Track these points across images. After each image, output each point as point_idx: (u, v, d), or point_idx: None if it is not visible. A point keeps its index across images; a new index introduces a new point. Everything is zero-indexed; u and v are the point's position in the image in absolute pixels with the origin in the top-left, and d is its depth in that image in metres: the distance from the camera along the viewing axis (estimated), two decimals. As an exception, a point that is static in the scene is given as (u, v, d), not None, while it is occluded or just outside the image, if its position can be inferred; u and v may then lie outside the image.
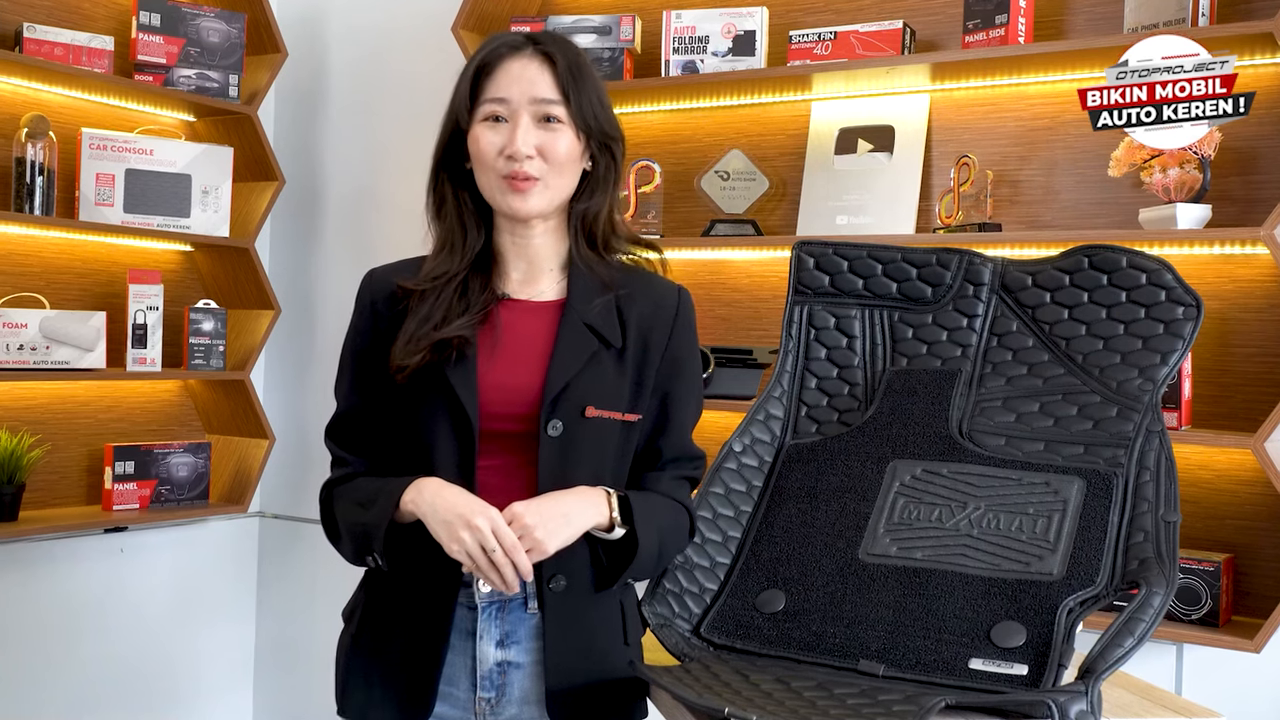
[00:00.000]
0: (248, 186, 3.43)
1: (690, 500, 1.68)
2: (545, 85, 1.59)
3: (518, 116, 1.58)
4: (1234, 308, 2.50)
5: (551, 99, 1.59)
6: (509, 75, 1.60)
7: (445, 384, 1.57)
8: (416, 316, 1.59)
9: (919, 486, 1.60)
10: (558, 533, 1.49)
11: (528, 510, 1.48)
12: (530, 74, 1.59)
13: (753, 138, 3.03)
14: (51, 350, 2.92)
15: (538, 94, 1.59)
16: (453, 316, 1.58)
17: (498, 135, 1.59)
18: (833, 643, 1.49)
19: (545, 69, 1.60)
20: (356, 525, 1.58)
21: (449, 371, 1.56)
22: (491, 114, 1.59)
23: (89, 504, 3.25)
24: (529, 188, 1.58)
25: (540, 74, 1.60)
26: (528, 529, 1.47)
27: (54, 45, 2.96)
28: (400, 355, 1.58)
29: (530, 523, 1.47)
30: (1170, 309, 1.63)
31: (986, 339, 1.72)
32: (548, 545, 1.48)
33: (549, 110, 1.59)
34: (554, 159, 1.59)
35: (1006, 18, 2.57)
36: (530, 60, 1.60)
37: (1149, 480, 1.52)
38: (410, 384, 1.58)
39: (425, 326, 1.58)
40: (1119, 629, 1.33)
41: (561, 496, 1.53)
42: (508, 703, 1.60)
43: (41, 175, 2.93)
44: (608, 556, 1.60)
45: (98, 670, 3.25)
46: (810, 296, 1.80)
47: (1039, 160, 2.72)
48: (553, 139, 1.59)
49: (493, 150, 1.58)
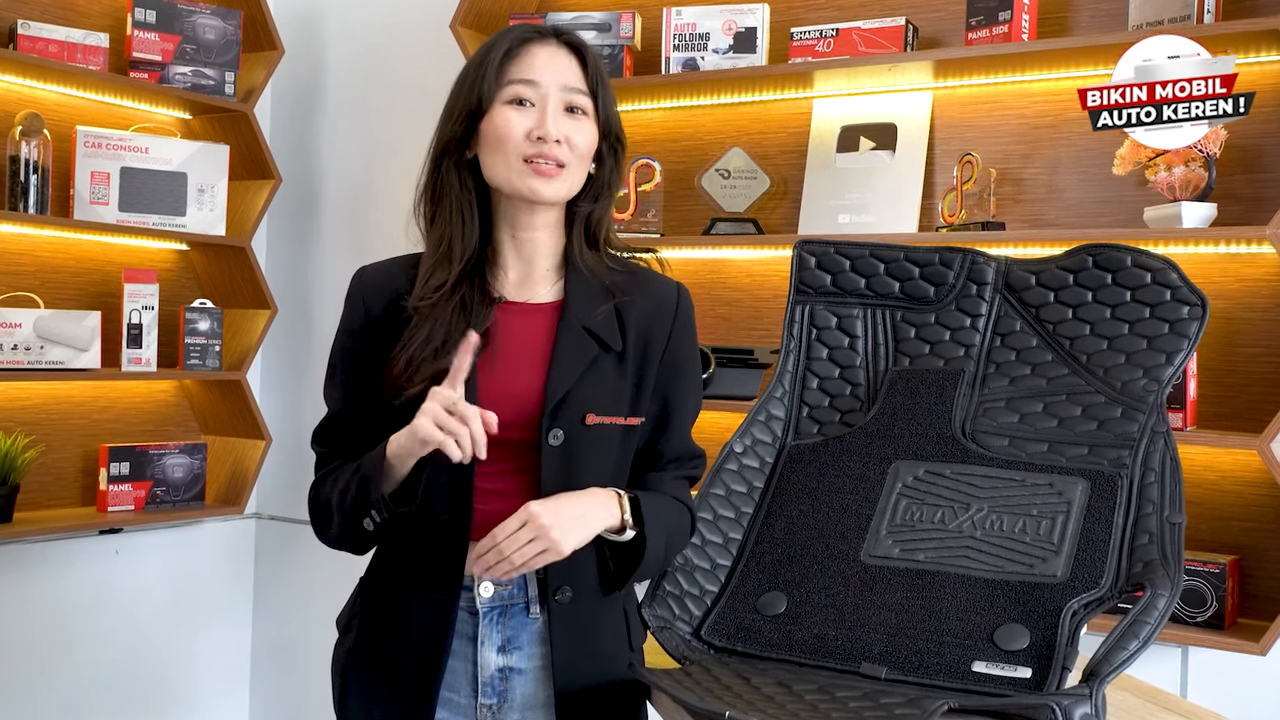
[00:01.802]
0: (244, 185, 3.42)
1: (691, 499, 1.67)
2: (575, 75, 1.58)
3: (547, 101, 1.56)
4: (1239, 307, 2.50)
5: (581, 89, 1.58)
6: (538, 60, 1.58)
7: None
8: (417, 337, 1.55)
9: (922, 487, 1.60)
10: (574, 533, 1.48)
11: (544, 510, 1.46)
12: (561, 62, 1.58)
13: (754, 136, 3.02)
14: (46, 350, 2.91)
15: (569, 82, 1.57)
16: (454, 339, 1.53)
17: (524, 118, 1.56)
18: (835, 645, 1.48)
19: (574, 60, 1.59)
20: (348, 490, 1.54)
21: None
22: (517, 96, 1.56)
23: (84, 505, 3.24)
24: (554, 174, 1.56)
25: (570, 64, 1.59)
26: (544, 529, 1.45)
27: (48, 42, 2.95)
28: (399, 381, 1.54)
29: (546, 523, 1.45)
30: (1175, 308, 1.62)
31: (990, 339, 1.72)
32: (564, 546, 1.47)
33: (577, 101, 1.58)
34: (578, 150, 1.57)
35: (1010, 14, 2.56)
36: (559, 50, 1.59)
37: (1154, 481, 1.52)
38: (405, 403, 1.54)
39: (425, 350, 1.54)
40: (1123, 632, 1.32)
41: (577, 498, 1.51)
42: (509, 709, 1.58)
43: (36, 173, 2.92)
44: (615, 558, 1.59)
45: (92, 674, 3.24)
46: (812, 296, 1.80)
47: (1042, 158, 2.71)
48: (578, 129, 1.57)
49: (518, 131, 1.55)
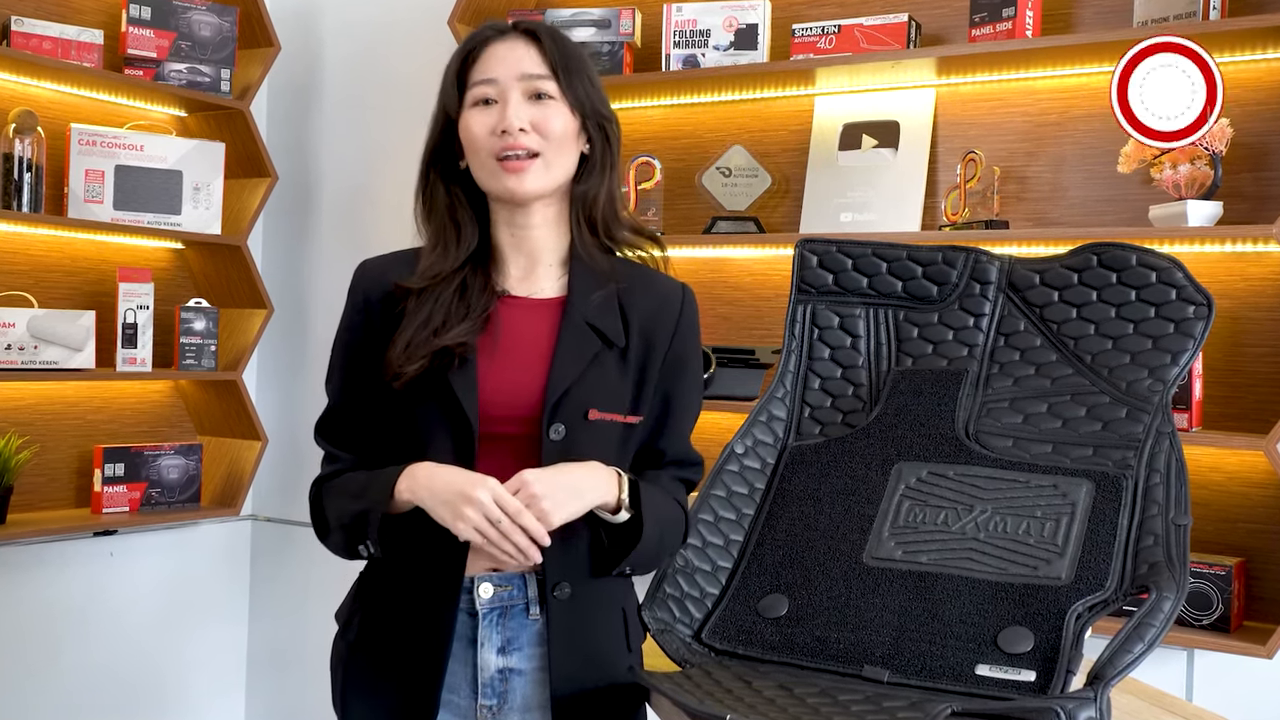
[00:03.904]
0: (240, 183, 3.41)
1: (687, 503, 1.67)
2: (533, 61, 1.57)
3: (507, 94, 1.56)
4: (1246, 306, 2.49)
5: (540, 74, 1.57)
6: (495, 57, 1.58)
7: (446, 388, 1.54)
8: (415, 320, 1.56)
9: (924, 489, 1.60)
10: (565, 505, 1.47)
11: (537, 479, 1.46)
12: (517, 53, 1.58)
13: (755, 133, 3.01)
14: (40, 350, 2.90)
15: (526, 70, 1.57)
16: (453, 320, 1.55)
17: (488, 116, 1.56)
18: (837, 648, 1.48)
19: (532, 47, 1.59)
20: (347, 514, 1.55)
21: (450, 377, 1.54)
22: (481, 97, 1.57)
23: (78, 507, 3.23)
24: (526, 166, 1.55)
25: (527, 52, 1.58)
26: (535, 498, 1.45)
27: (42, 39, 2.95)
28: (398, 361, 1.54)
29: (538, 492, 1.45)
30: (1181, 308, 1.63)
31: (993, 338, 1.72)
32: (553, 517, 1.46)
33: (539, 86, 1.57)
34: (550, 134, 1.56)
35: (1014, 11, 2.56)
36: (516, 41, 1.59)
37: (1159, 483, 1.53)
38: (407, 386, 1.55)
39: (424, 331, 1.54)
40: (1128, 634, 1.32)
41: (573, 468, 1.51)
42: (509, 710, 1.58)
43: (29, 171, 2.90)
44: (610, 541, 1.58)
45: (87, 676, 3.23)
46: (814, 295, 1.80)
47: (1047, 156, 2.70)
48: (546, 114, 1.57)
49: (484, 131, 1.56)
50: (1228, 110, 2.45)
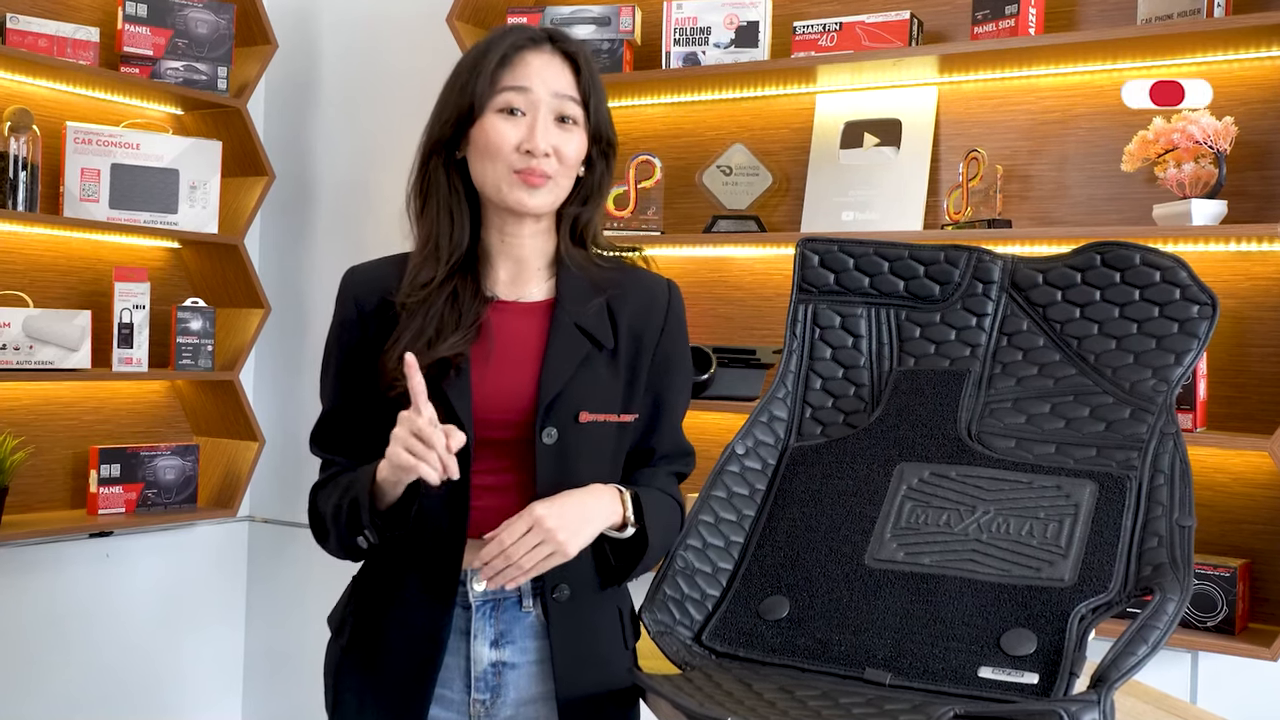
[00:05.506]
0: (237, 181, 3.41)
1: (680, 495, 1.70)
2: (567, 84, 1.59)
3: (538, 110, 1.57)
4: (1250, 306, 2.48)
5: (572, 97, 1.59)
6: (530, 67, 1.58)
7: (440, 396, 1.54)
8: (409, 330, 1.57)
9: (927, 490, 1.59)
10: (579, 533, 1.50)
11: (549, 513, 1.48)
12: (554, 70, 1.59)
13: (756, 132, 3.01)
14: (35, 350, 2.90)
15: (559, 89, 1.58)
16: (446, 330, 1.56)
17: (514, 129, 1.57)
18: (838, 650, 1.47)
19: (568, 68, 1.60)
20: (339, 508, 1.57)
21: (445, 386, 1.55)
22: (509, 105, 1.57)
23: (74, 508, 3.23)
24: (541, 184, 1.57)
25: (563, 72, 1.59)
26: (550, 533, 1.47)
27: (38, 37, 2.94)
28: (394, 374, 1.55)
29: (552, 526, 1.48)
30: (1185, 307, 1.62)
31: (996, 338, 1.71)
32: (570, 548, 1.49)
33: (568, 110, 1.59)
34: (566, 161, 1.59)
35: (1016, 8, 2.55)
36: (553, 57, 1.60)
37: (1163, 484, 1.51)
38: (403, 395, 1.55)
39: (418, 342, 1.55)
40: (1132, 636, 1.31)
41: (580, 497, 1.53)
42: (503, 704, 1.58)
43: (25, 170, 2.90)
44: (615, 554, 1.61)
45: (83, 678, 3.22)
46: (815, 295, 1.79)
47: (1050, 155, 2.69)
48: (567, 140, 1.58)
49: (508, 143, 1.56)
50: (1232, 109, 2.44)
